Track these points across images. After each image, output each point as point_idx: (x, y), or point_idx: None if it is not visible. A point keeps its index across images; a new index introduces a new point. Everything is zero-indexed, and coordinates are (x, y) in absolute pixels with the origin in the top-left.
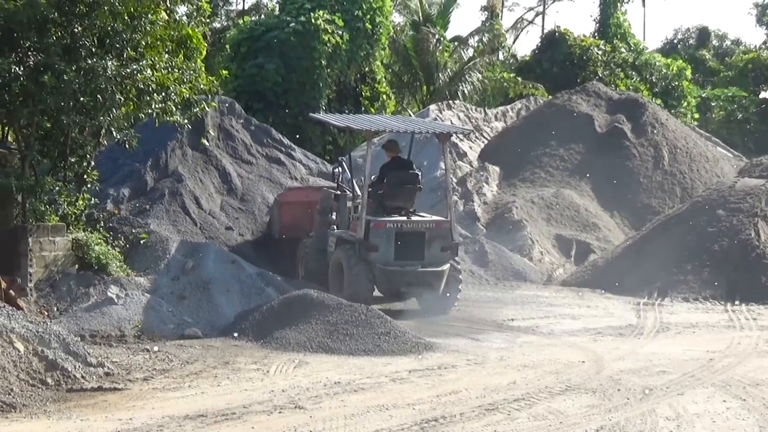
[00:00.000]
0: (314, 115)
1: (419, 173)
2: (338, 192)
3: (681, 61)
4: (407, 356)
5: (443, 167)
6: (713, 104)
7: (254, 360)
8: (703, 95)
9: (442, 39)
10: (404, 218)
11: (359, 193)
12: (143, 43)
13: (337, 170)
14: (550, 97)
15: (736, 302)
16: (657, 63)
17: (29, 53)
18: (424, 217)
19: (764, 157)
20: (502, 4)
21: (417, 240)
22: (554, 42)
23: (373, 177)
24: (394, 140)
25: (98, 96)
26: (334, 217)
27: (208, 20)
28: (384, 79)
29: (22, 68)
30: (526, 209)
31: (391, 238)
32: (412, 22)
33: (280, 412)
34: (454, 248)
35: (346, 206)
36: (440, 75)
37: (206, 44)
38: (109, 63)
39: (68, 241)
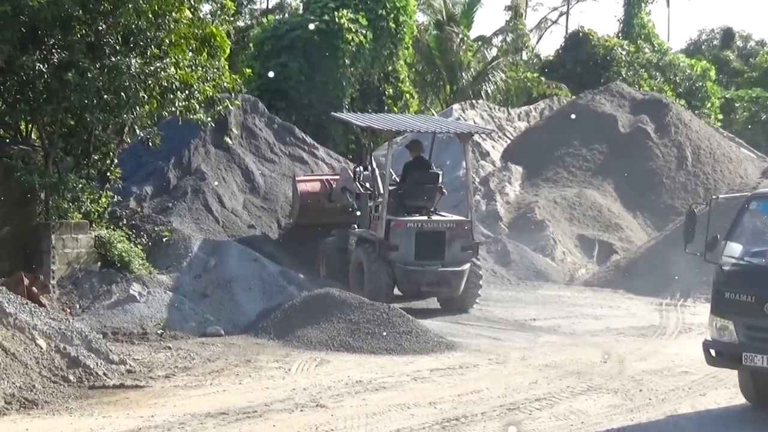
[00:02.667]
0: (336, 115)
1: (440, 173)
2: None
3: (705, 62)
4: (429, 355)
5: (465, 167)
6: (737, 105)
7: (276, 358)
8: (727, 96)
9: (465, 38)
10: (425, 218)
11: (382, 191)
12: (167, 41)
13: (358, 169)
14: (573, 97)
15: None
16: (681, 64)
17: (53, 51)
18: (444, 216)
19: None
20: (526, 3)
21: (437, 239)
22: (578, 42)
23: (394, 176)
24: (418, 140)
25: (122, 94)
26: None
27: (232, 18)
28: (407, 79)
29: (46, 66)
30: (549, 209)
31: (411, 237)
32: (436, 22)
33: (301, 411)
34: (475, 248)
35: (367, 205)
36: (463, 74)
37: (230, 42)
38: (133, 61)
39: (91, 239)
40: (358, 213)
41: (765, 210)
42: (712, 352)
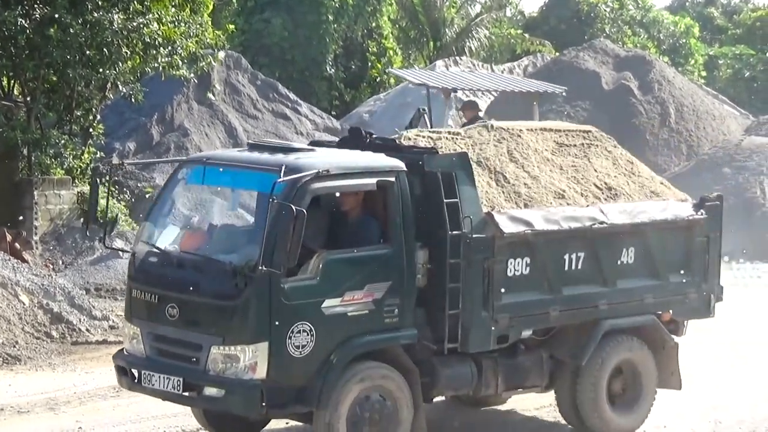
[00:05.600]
0: (393, 70)
1: None
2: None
3: (689, 19)
4: None
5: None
6: (720, 62)
7: None
8: (711, 53)
9: None
10: None
11: None
12: None
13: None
14: (557, 53)
15: (741, 260)
16: (665, 20)
17: (35, 6)
18: None
19: None
20: None
21: None
22: None
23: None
24: (473, 100)
25: (104, 49)
26: None
27: None
28: (391, 35)
29: (28, 21)
30: None
31: None
32: None
33: None
34: None
35: None
36: (447, 31)
37: None
38: (116, 16)
39: (74, 195)
40: None
41: (195, 180)
42: (132, 371)
